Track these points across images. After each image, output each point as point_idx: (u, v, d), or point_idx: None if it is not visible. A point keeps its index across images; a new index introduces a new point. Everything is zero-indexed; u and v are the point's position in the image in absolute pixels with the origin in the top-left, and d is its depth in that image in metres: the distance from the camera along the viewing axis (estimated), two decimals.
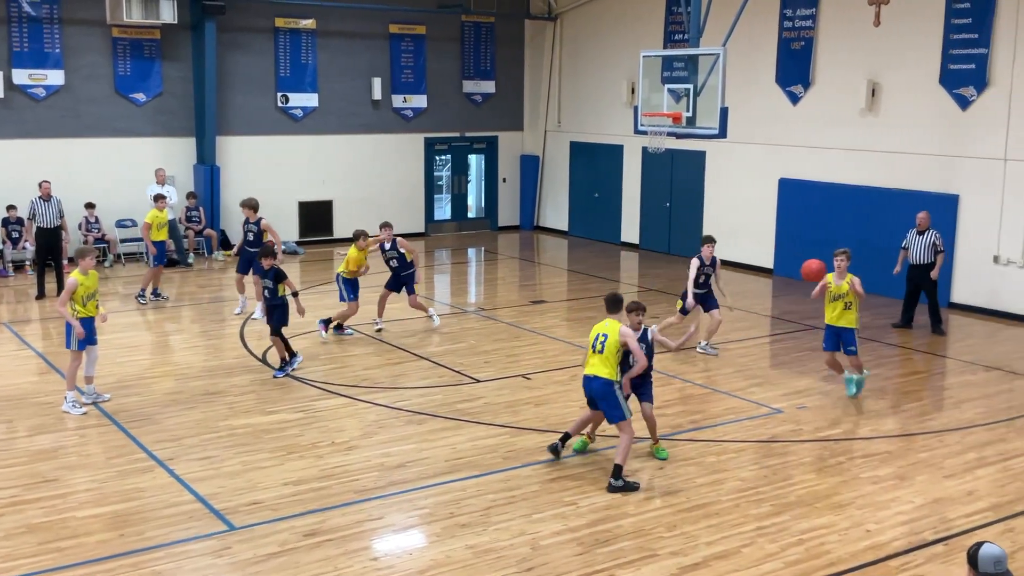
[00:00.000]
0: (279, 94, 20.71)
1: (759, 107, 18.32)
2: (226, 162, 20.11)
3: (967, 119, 15.31)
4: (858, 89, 16.66)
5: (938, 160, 15.76)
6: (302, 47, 20.80)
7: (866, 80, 16.54)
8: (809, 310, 15.48)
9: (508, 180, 24.18)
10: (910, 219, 16.08)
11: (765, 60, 18.22)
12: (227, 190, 20.06)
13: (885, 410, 10.71)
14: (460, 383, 11.51)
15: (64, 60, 18.56)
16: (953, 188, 15.60)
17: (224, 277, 17.73)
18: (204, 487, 8.34)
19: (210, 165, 19.59)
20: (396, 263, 13.73)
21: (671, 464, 9.01)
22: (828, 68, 17.34)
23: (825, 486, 8.55)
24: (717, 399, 11.05)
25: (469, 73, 23.07)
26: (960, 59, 15.30)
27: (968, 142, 15.32)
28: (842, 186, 17.20)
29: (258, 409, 10.43)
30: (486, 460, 9.05)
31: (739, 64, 17.29)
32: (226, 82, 20.02)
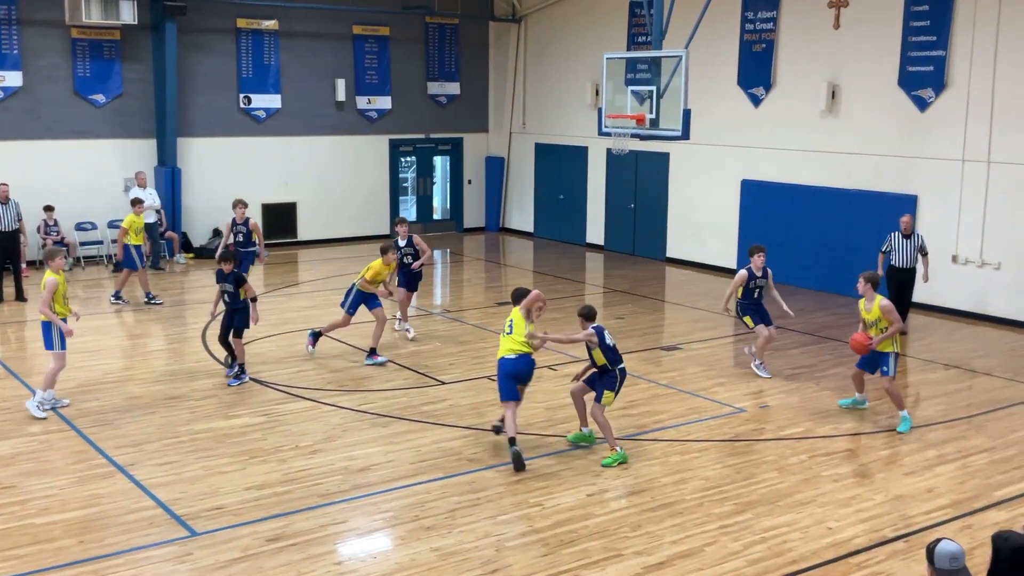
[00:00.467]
0: (241, 95, 20.55)
1: (721, 109, 18.46)
2: (187, 164, 19.92)
3: (926, 120, 15.52)
4: (818, 91, 16.83)
5: (897, 161, 15.96)
6: (264, 48, 20.66)
7: (826, 82, 16.72)
8: (771, 310, 15.59)
9: (473, 182, 24.17)
10: (870, 219, 16.30)
11: (727, 62, 18.36)
12: (188, 193, 19.87)
13: (846, 409, 10.81)
14: (425, 385, 11.48)
15: (22, 61, 18.29)
16: (912, 188, 15.81)
17: (186, 280, 17.56)
18: (165, 492, 8.26)
19: (171, 167, 19.40)
20: (411, 259, 13.66)
21: (636, 463, 9.04)
22: (789, 70, 17.51)
23: (787, 484, 8.63)
24: (681, 399, 11.11)
25: (434, 75, 23.03)
26: (919, 61, 15.51)
27: (926, 143, 15.53)
28: (803, 187, 17.37)
29: (220, 413, 10.34)
30: (451, 462, 9.03)
31: (702, 66, 17.41)
32: (187, 83, 19.83)
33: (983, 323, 14.88)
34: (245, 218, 14.92)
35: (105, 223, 19.20)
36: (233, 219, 15.04)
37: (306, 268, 19.02)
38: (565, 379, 11.71)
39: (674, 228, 19.88)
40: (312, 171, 21.56)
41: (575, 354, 12.81)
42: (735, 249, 18.64)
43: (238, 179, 20.21)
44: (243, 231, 14.92)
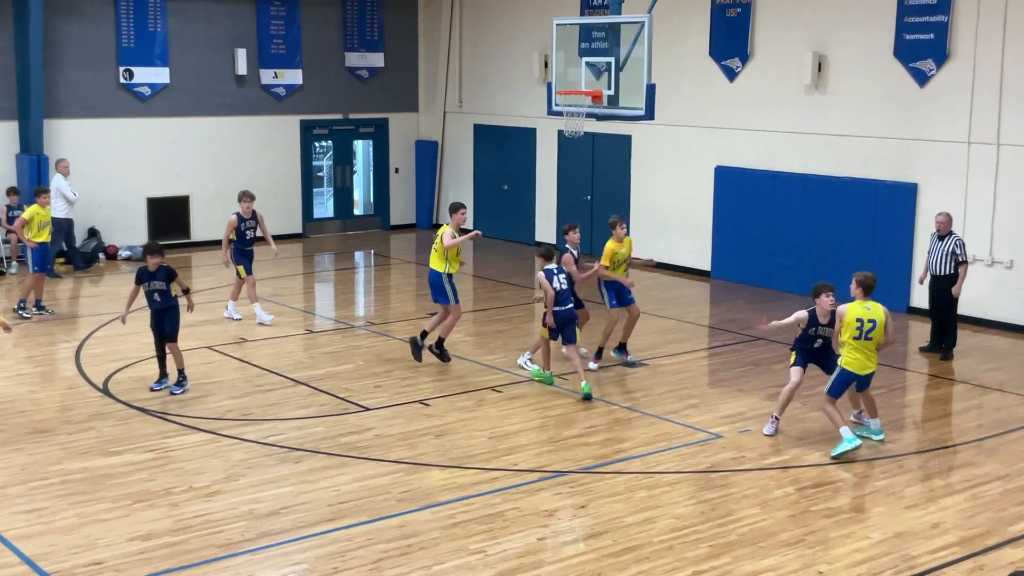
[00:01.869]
0: (121, 69, 20.27)
1: (691, 84, 18.64)
2: (56, 151, 19.58)
3: (925, 97, 15.82)
4: (802, 63, 17.07)
5: (893, 144, 16.25)
6: (149, 12, 20.40)
7: (811, 53, 16.97)
8: (751, 319, 15.78)
9: (401, 170, 24.11)
10: (863, 211, 16.57)
11: (697, 29, 18.55)
12: None
13: (837, 433, 10.93)
14: (345, 412, 11.41)
15: None
16: (911, 176, 16.10)
17: (57, 290, 17.24)
18: (31, 545, 8.09)
19: (36, 155, 19.08)
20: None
21: (594, 502, 9.07)
22: (768, 39, 17.74)
23: (771, 521, 8.71)
24: (647, 424, 11.17)
25: (353, 44, 22.94)
26: (917, 28, 15.80)
27: (927, 123, 15.83)
28: (786, 174, 17.60)
29: (98, 449, 10.17)
30: (377, 503, 8.98)
31: (667, 34, 17.56)
32: (55, 55, 19.51)
33: (993, 331, 15.20)
34: (252, 212, 15.08)
35: None
36: (238, 214, 15.03)
37: (201, 274, 18.79)
38: (511, 403, 11.72)
39: (637, 223, 19.98)
40: (208, 159, 21.33)
41: (525, 374, 12.82)
42: (708, 247, 18.82)
43: (118, 169, 19.91)
44: (252, 227, 15.10)
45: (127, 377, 12.50)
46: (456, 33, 23.31)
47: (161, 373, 11.91)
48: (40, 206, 15.34)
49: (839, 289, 10.62)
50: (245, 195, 15.23)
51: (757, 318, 11.54)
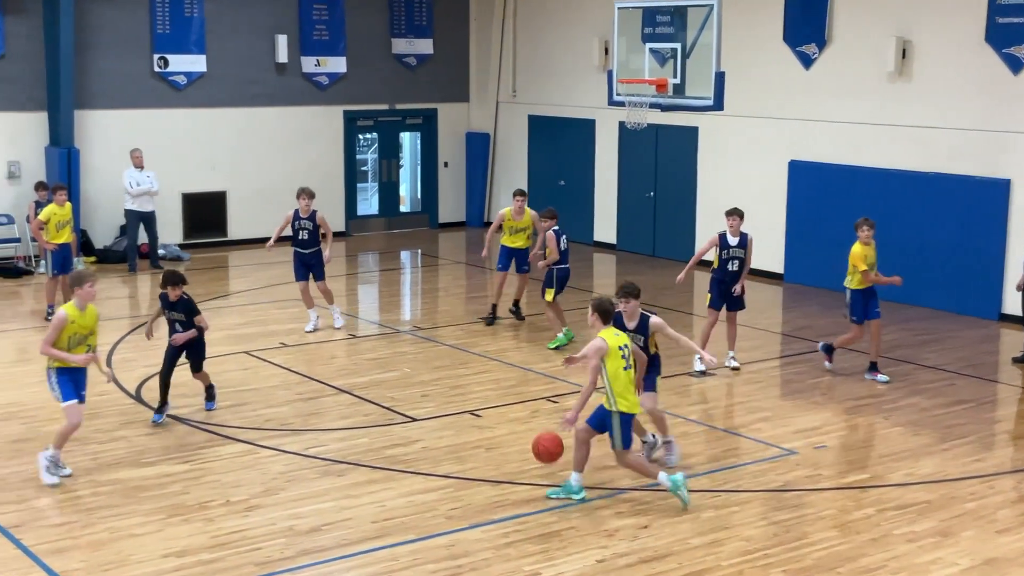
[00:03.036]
0: (156, 56, 20.54)
1: (763, 72, 18.53)
2: (87, 143, 19.90)
3: (1020, 85, 15.60)
4: (885, 49, 16.91)
5: (984, 136, 16.04)
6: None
7: (895, 38, 16.80)
8: (829, 325, 15.64)
9: (451, 165, 24.19)
10: (949, 210, 16.37)
11: (770, 13, 18.44)
12: (88, 178, 19.85)
13: (923, 449, 10.84)
14: (391, 423, 11.46)
15: None
16: (1003, 171, 15.90)
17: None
18: (60, 561, 8.20)
19: (66, 147, 19.39)
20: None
21: (659, 521, 9.04)
22: (848, 23, 17.58)
23: (850, 546, 8.63)
24: (715, 438, 11.11)
25: (400, 30, 23.06)
26: (1011, 11, 15.59)
27: (1021, 114, 15.61)
28: (866, 169, 17.43)
29: (131, 460, 10.30)
30: (424, 520, 9.00)
31: (738, 18, 17.46)
32: (87, 42, 19.82)
33: None
34: (311, 211, 14.73)
35: None
36: (296, 212, 14.83)
37: (238, 275, 19.00)
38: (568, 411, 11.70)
39: (704, 222, 19.89)
40: (246, 151, 21.55)
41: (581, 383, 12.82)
42: (780, 248, 18.69)
43: (152, 162, 20.14)
44: (308, 227, 14.74)
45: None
46: (510, 18, 23.34)
47: (161, 402, 11.35)
48: (57, 205, 15.42)
49: (921, 290, 10.50)
50: (303, 192, 14.88)
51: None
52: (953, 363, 13.89)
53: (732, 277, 13.11)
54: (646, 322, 9.94)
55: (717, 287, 13.14)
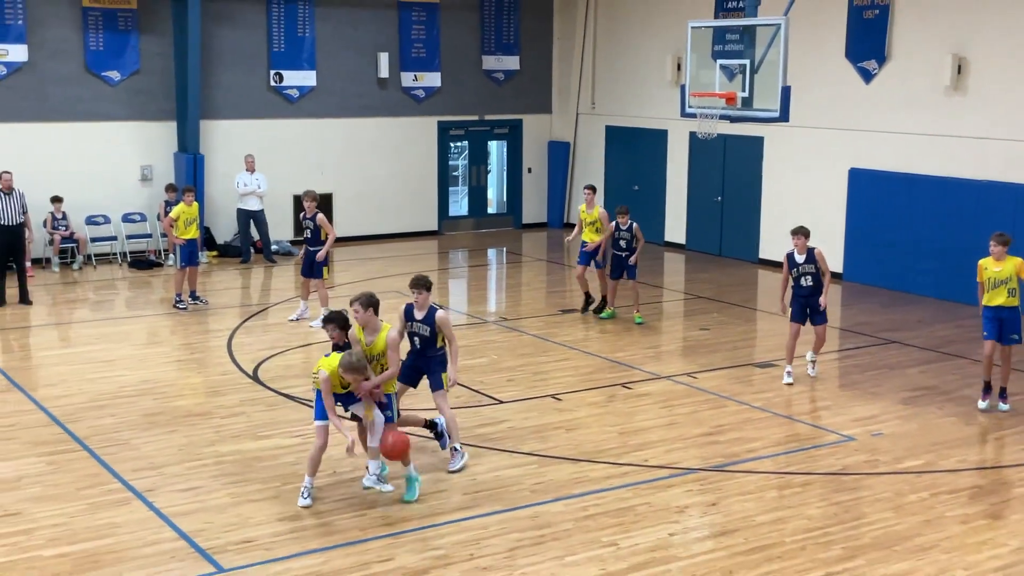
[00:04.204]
0: (272, 72, 20.82)
1: (826, 86, 18.26)
2: (211, 150, 20.25)
3: None
4: (942, 64, 16.58)
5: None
6: (298, 19, 20.92)
7: (951, 54, 16.46)
8: (885, 322, 15.39)
9: (534, 171, 24.20)
10: (1003, 217, 15.98)
11: (833, 31, 18.17)
12: (212, 181, 20.20)
13: (974, 438, 10.63)
14: (480, 404, 11.53)
15: (28, 34, 18.75)
16: None
17: (209, 282, 17.86)
18: (188, 522, 8.38)
19: (193, 153, 19.73)
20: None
21: (724, 500, 8.98)
22: (907, 40, 17.26)
23: (905, 526, 8.50)
24: (778, 424, 11.01)
25: (490, 48, 23.12)
26: None
27: None
28: (923, 177, 17.11)
29: (249, 433, 10.49)
30: (511, 493, 9.05)
31: (803, 36, 17.23)
32: (211, 59, 20.16)
33: None
34: (314, 212, 14.77)
35: (119, 216, 19.61)
36: (303, 212, 15.02)
37: (342, 268, 19.21)
38: (640, 400, 11.68)
39: (768, 225, 19.68)
40: (350, 157, 21.77)
41: (654, 371, 12.78)
42: (840, 249, 18.41)
43: (267, 167, 20.43)
44: (311, 227, 14.80)
45: (275, 365, 12.87)
46: (590, 36, 23.29)
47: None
48: (186, 205, 15.71)
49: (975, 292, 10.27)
50: (306, 194, 14.95)
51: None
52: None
53: (808, 291, 12.27)
54: (433, 314, 9.54)
55: (795, 302, 12.44)
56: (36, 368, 12.96)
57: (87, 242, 19.12)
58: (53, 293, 16.98)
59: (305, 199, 15.00)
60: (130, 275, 18.56)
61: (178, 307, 15.69)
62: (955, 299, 16.49)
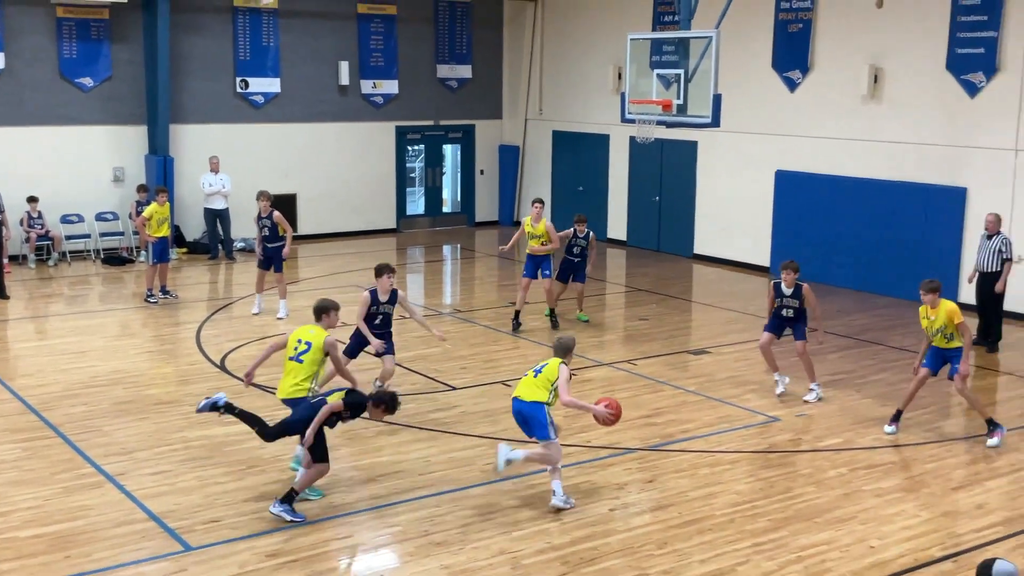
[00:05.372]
0: (238, 79, 20.62)
1: (754, 94, 18.41)
2: (180, 152, 20.00)
3: (976, 107, 15.44)
4: (859, 75, 16.77)
5: (945, 151, 15.88)
6: (263, 28, 20.72)
7: (868, 65, 16.65)
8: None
9: (486, 172, 24.18)
10: (915, 214, 16.24)
11: (760, 44, 18.31)
12: (181, 183, 19.94)
13: (889, 418, 10.77)
14: (435, 391, 11.51)
15: (4, 42, 18.40)
16: (961, 181, 15.73)
17: (179, 277, 17.63)
18: (157, 504, 8.30)
19: (163, 156, 19.48)
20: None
21: (661, 477, 9.04)
22: (827, 52, 17.44)
23: (825, 499, 8.61)
24: (710, 407, 11.09)
25: (444, 57, 23.05)
26: (968, 43, 15.42)
27: (977, 132, 15.45)
28: (842, 178, 17.30)
29: (216, 420, 10.31)
30: (463, 474, 9.06)
31: (733, 48, 17.34)
32: (180, 66, 19.91)
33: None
34: (270, 211, 14.72)
35: (93, 215, 19.31)
36: (258, 213, 14.92)
37: (306, 264, 19.08)
38: (584, 385, 11.71)
39: (702, 223, 19.83)
40: (313, 160, 21.61)
41: (596, 358, 12.82)
42: (768, 246, 18.58)
43: (234, 169, 20.23)
44: (268, 225, 14.75)
45: (241, 355, 12.75)
46: (538, 47, 23.29)
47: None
48: (159, 204, 15.51)
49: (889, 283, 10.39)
50: (262, 194, 14.88)
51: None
52: (916, 344, 13.71)
53: (786, 321, 11.45)
54: (395, 294, 10.50)
55: (773, 319, 11.68)
56: (13, 359, 12.73)
57: (62, 240, 18.81)
58: (29, 288, 16.69)
59: (260, 199, 14.88)
60: (103, 271, 18.29)
61: (149, 301, 15.49)
62: (870, 290, 16.74)
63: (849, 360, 12.96)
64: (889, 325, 14.80)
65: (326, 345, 8.61)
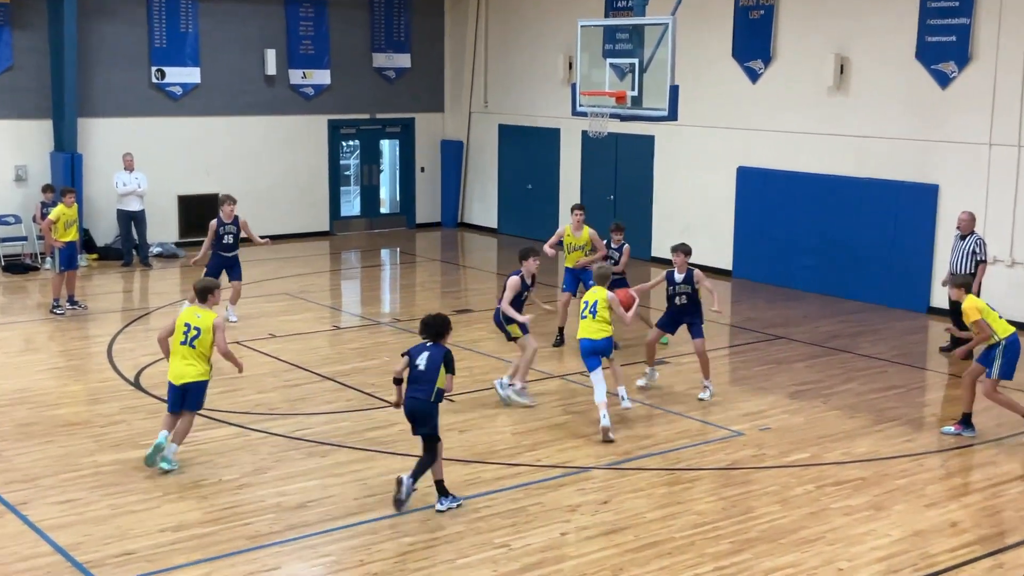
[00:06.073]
0: (153, 69, 20.38)
1: (714, 85, 18.59)
2: (89, 149, 19.72)
3: (947, 99, 15.72)
4: (824, 65, 17.00)
5: (915, 145, 16.15)
6: (181, 13, 20.50)
7: (833, 55, 16.89)
8: (773, 317, 15.74)
9: (427, 170, 24.14)
10: (884, 212, 16.49)
11: (720, 32, 18.50)
12: (91, 182, 19.65)
13: (858, 431, 10.92)
14: (371, 407, 11.45)
15: None
16: (932, 177, 16.01)
17: (89, 286, 17.36)
18: (65, 536, 8.16)
19: (70, 153, 19.20)
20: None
21: (616, 498, 9.07)
22: (791, 41, 17.67)
23: (791, 519, 8.69)
24: (668, 421, 11.16)
25: (380, 45, 22.98)
26: (939, 31, 15.71)
27: (948, 125, 15.73)
28: (807, 175, 17.53)
29: (130, 442, 10.24)
30: None
31: (691, 36, 17.53)
32: (89, 55, 19.63)
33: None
34: (234, 217, 14.86)
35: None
36: (218, 218, 14.88)
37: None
38: (541, 396, 11.71)
39: (660, 223, 19.97)
40: (237, 157, 21.42)
41: (547, 370, 12.83)
42: (729, 246, 18.76)
43: (150, 167, 19.93)
44: (233, 232, 14.84)
45: (158, 371, 12.55)
46: (482, 34, 23.32)
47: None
48: (66, 206, 15.28)
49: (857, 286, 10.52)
50: (227, 199, 15.05)
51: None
52: (885, 352, 14.01)
53: (681, 310, 11.94)
54: (534, 279, 11.63)
55: (668, 314, 12.16)
56: None
57: None
58: None
59: (227, 204, 14.94)
60: (4, 280, 17.96)
61: (56, 312, 15.24)
62: (837, 294, 16.96)
63: (815, 369, 13.13)
64: (857, 331, 15.02)
65: (214, 327, 9.39)
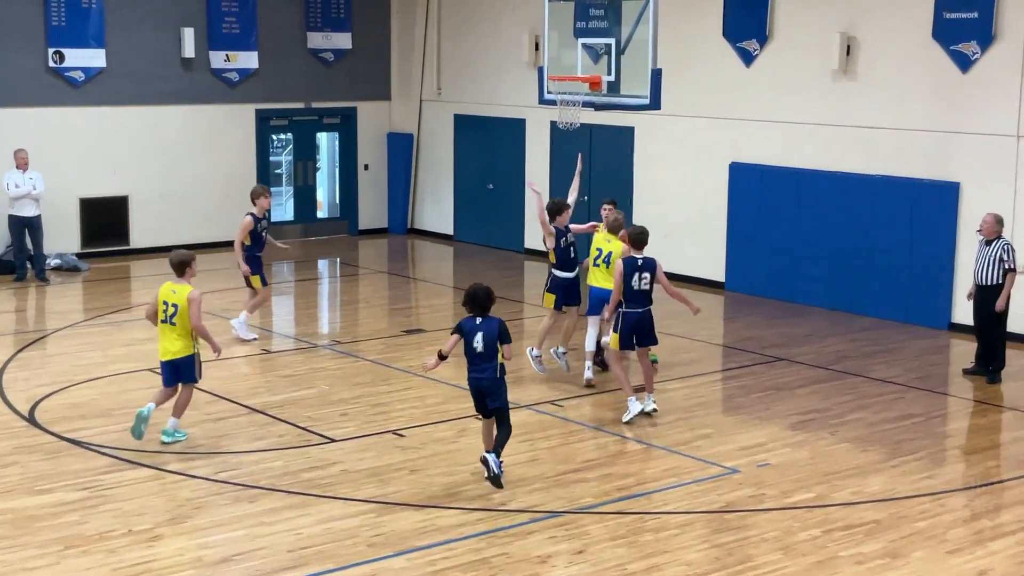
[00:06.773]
0: (51, 51, 20.28)
1: (702, 69, 18.69)
2: None
3: (968, 84, 15.88)
4: (829, 45, 17.12)
5: (932, 137, 16.30)
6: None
7: (839, 34, 17.03)
8: (772, 336, 15.81)
9: (371, 167, 24.13)
10: (897, 214, 16.62)
11: (709, 7, 18.61)
12: None
13: (870, 466, 10.98)
14: (308, 444, 11.39)
15: None
16: (952, 174, 16.16)
17: None
18: None
19: None
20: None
21: (593, 546, 9.06)
22: (791, 18, 17.79)
23: (794, 569, 8.71)
24: (653, 457, 11.17)
25: (316, 23, 22.98)
26: (959, 6, 15.87)
27: (970, 114, 15.88)
28: (810, 172, 17.63)
29: (23, 487, 10.14)
30: (344, 548, 8.96)
31: (675, 12, 17.59)
32: None
33: None
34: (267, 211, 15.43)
35: None
36: (252, 214, 15.01)
37: (142, 286, 18.76)
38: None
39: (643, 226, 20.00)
40: (149, 153, 21.34)
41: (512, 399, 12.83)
42: (721, 255, 18.85)
43: (46, 164, 19.80)
44: (266, 228, 15.28)
45: (57, 404, 12.46)
46: (435, 10, 23.34)
47: None
48: None
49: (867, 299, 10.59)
50: (263, 191, 15.33)
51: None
52: (901, 375, 14.10)
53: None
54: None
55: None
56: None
57: None
58: None
59: (265, 196, 15.32)
60: None
61: None
62: (844, 309, 17.07)
63: (821, 396, 13.20)
64: (869, 352, 15.12)
65: (188, 300, 10.79)
